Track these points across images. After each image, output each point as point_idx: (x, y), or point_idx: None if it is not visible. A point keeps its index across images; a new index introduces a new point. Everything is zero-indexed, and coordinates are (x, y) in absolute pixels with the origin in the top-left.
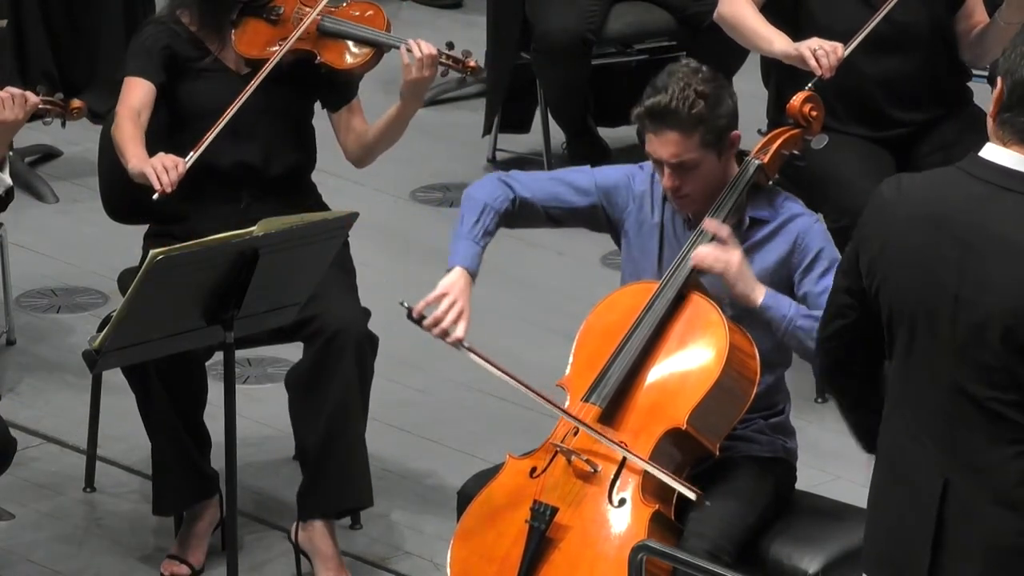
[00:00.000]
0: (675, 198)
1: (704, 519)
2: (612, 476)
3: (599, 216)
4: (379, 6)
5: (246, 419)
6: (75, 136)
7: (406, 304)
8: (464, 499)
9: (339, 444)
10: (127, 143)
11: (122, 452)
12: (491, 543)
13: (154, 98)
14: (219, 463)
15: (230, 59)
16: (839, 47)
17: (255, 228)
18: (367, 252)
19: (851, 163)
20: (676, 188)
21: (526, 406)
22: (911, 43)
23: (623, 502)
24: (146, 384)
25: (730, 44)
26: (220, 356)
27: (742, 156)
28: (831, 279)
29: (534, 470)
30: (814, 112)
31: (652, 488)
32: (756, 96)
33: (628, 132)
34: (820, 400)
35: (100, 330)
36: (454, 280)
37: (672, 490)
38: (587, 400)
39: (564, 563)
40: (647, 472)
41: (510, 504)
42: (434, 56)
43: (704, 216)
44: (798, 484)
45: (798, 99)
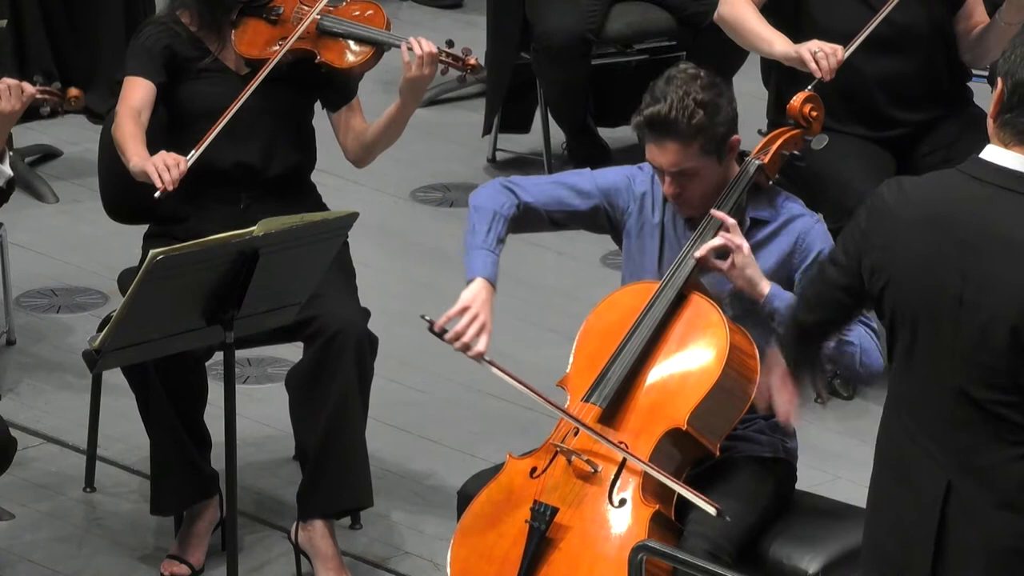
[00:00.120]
0: (676, 202)
1: (704, 519)
2: (612, 476)
3: (601, 218)
4: (379, 5)
5: (246, 419)
6: (75, 136)
7: (427, 318)
8: (464, 499)
9: (339, 444)
10: (128, 141)
11: (122, 452)
12: (491, 543)
13: (154, 98)
14: (219, 463)
15: (230, 59)
16: (839, 49)
17: (255, 228)
18: (367, 252)
19: (851, 163)
20: (677, 195)
21: (526, 406)
22: (911, 44)
23: (623, 502)
24: (146, 384)
25: (730, 44)
26: (220, 356)
27: (742, 156)
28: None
29: (534, 470)
30: (814, 112)
31: (652, 488)
32: (756, 96)
33: (628, 132)
34: (820, 400)
35: (100, 330)
36: (475, 292)
37: (672, 490)
38: (587, 400)
39: (564, 563)
40: (646, 474)
41: (510, 504)
42: (434, 54)
43: (706, 217)
44: (798, 484)
45: (798, 99)
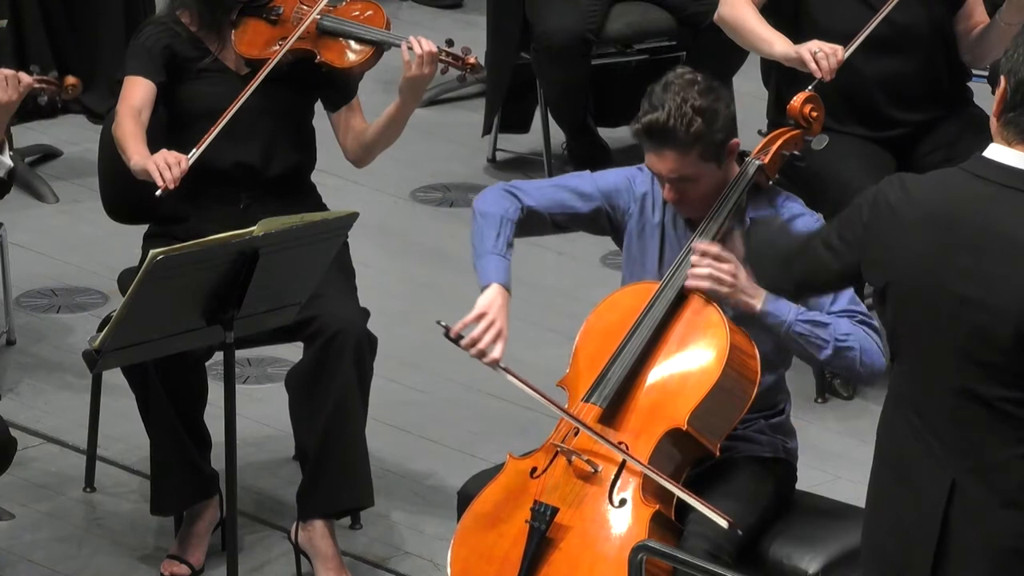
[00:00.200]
0: (676, 206)
1: (704, 519)
2: (613, 476)
3: (602, 219)
4: (379, 5)
5: (246, 419)
6: (75, 136)
7: (443, 323)
8: (464, 499)
9: (339, 444)
10: (128, 140)
11: (122, 452)
12: (491, 543)
13: (154, 97)
14: (219, 463)
15: (230, 59)
16: (839, 50)
17: (255, 228)
18: (367, 252)
19: (851, 163)
20: (677, 200)
21: (526, 406)
22: (911, 44)
23: (624, 502)
24: (146, 384)
25: (730, 44)
26: (220, 356)
27: (742, 157)
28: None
29: (534, 470)
30: (815, 113)
31: (653, 488)
32: (756, 96)
33: (628, 132)
34: (820, 400)
35: (100, 330)
36: (492, 298)
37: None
38: (588, 400)
39: (564, 563)
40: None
41: (510, 504)
42: (434, 53)
43: (706, 218)
44: (798, 484)
45: (799, 100)
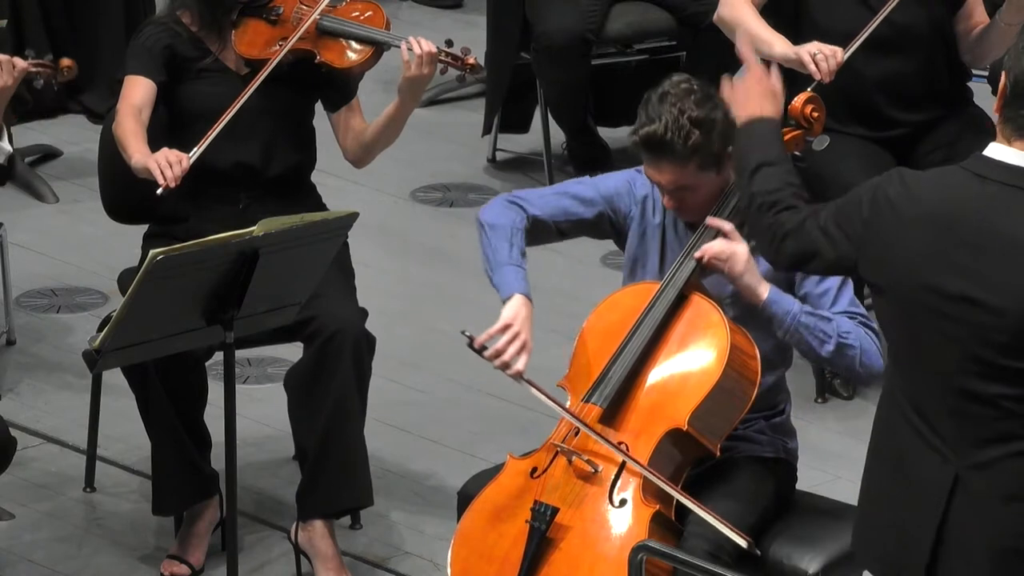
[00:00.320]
0: (676, 212)
1: (704, 520)
2: (613, 476)
3: (605, 224)
4: (378, 5)
5: (246, 419)
6: (75, 136)
7: (468, 333)
8: (464, 499)
9: (338, 444)
10: (129, 138)
11: (122, 452)
12: (491, 543)
13: (155, 96)
14: (219, 463)
15: (230, 59)
16: (838, 51)
17: (255, 228)
18: (367, 252)
19: (852, 164)
20: (676, 208)
21: (526, 406)
22: (911, 44)
23: (624, 502)
24: (146, 384)
25: (730, 44)
26: (220, 356)
27: None
28: (832, 281)
29: (535, 470)
30: (816, 113)
31: (653, 488)
32: None
33: (628, 132)
34: (820, 400)
35: (100, 330)
36: (516, 310)
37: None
38: (588, 400)
39: (564, 563)
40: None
41: (511, 504)
42: (433, 54)
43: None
44: (798, 484)
45: (800, 100)
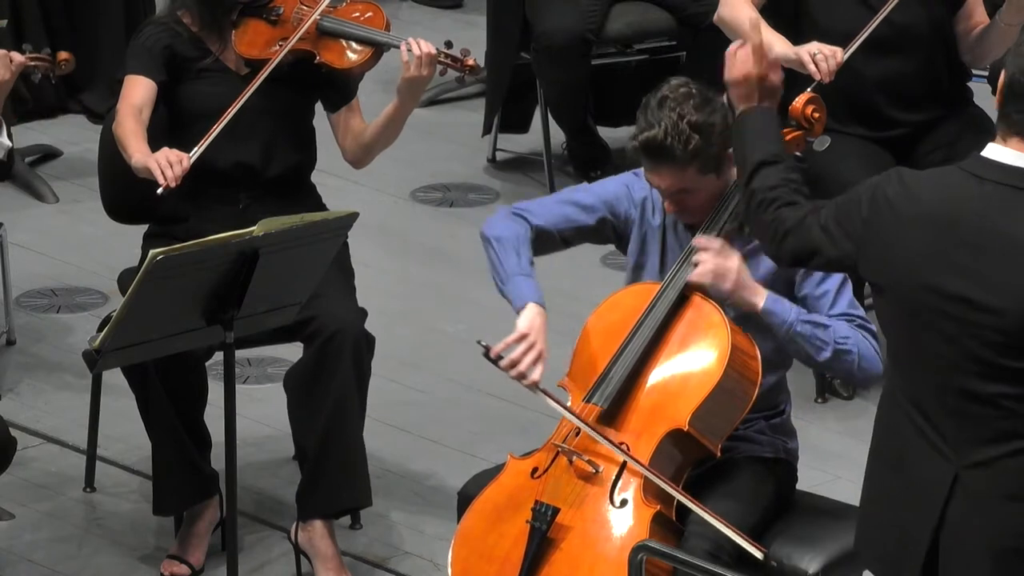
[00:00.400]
0: (677, 216)
1: (704, 520)
2: (614, 477)
3: (607, 230)
4: (378, 6)
5: (246, 419)
6: (75, 136)
7: (483, 343)
8: (464, 500)
9: (337, 444)
10: (129, 138)
11: (122, 452)
12: (492, 543)
13: (155, 96)
14: (219, 463)
15: (231, 59)
16: (838, 52)
17: (255, 228)
18: (367, 252)
19: (852, 164)
20: (677, 211)
21: (526, 406)
22: (911, 44)
23: (624, 503)
24: (146, 384)
25: (729, 44)
26: (220, 356)
27: None
28: (832, 283)
29: (535, 470)
30: (816, 114)
31: (654, 489)
32: None
33: (628, 132)
34: (820, 400)
35: (100, 330)
36: (531, 319)
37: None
38: (589, 400)
39: (565, 564)
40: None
41: (511, 504)
42: (433, 55)
43: (705, 221)
44: (798, 484)
45: (800, 101)
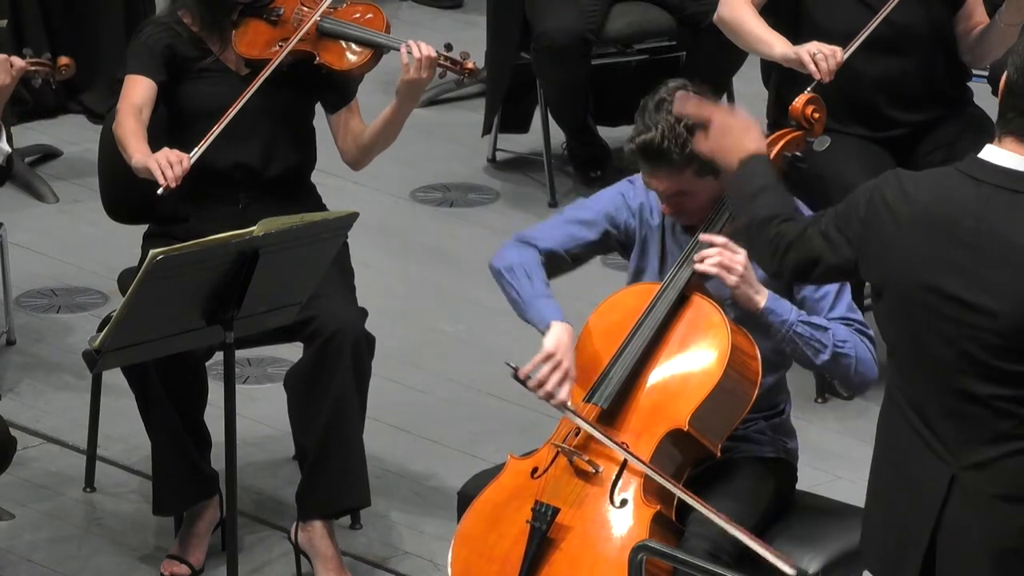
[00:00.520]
0: (675, 218)
1: (705, 520)
2: (614, 477)
3: (611, 242)
4: (379, 7)
5: (246, 419)
6: (75, 136)
7: (512, 364)
8: (464, 500)
9: (337, 444)
10: (129, 138)
11: (122, 452)
12: (492, 543)
13: (155, 96)
14: (219, 463)
15: (231, 59)
16: (838, 51)
17: (255, 228)
18: (367, 252)
19: (852, 164)
20: (675, 213)
21: (526, 406)
22: (911, 44)
23: (625, 503)
24: (146, 384)
25: (729, 44)
26: (220, 356)
27: None
28: (831, 285)
29: (535, 470)
30: (816, 114)
31: (654, 489)
32: (757, 96)
33: (628, 132)
34: (820, 400)
35: (100, 330)
36: (558, 338)
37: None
38: (589, 400)
39: (565, 564)
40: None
41: (511, 504)
42: (433, 58)
43: (705, 221)
44: (798, 484)
45: (801, 101)
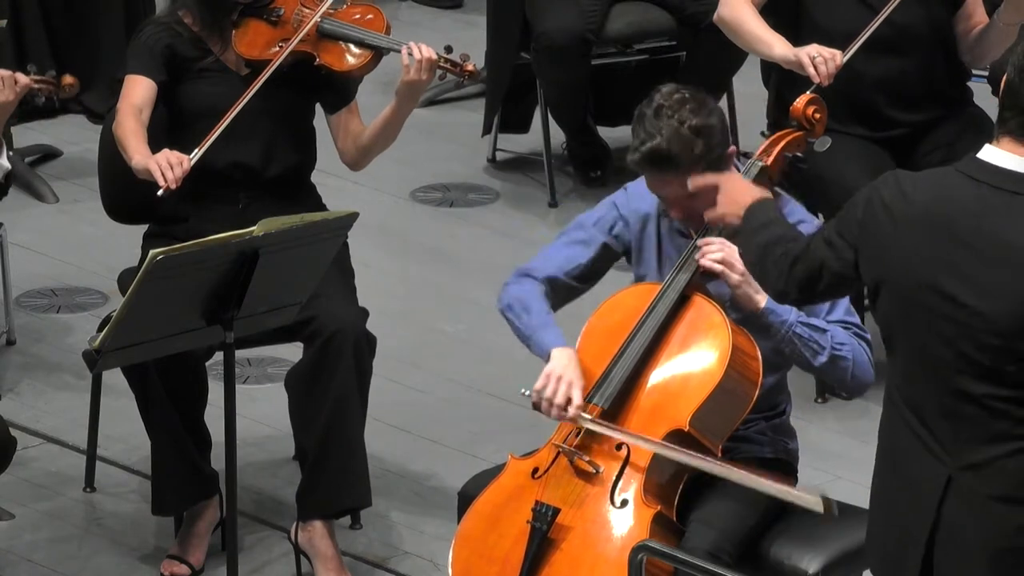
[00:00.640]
0: (683, 222)
1: (705, 520)
2: (614, 477)
3: (612, 252)
4: (379, 9)
5: (246, 419)
6: (75, 136)
7: (526, 393)
8: (465, 500)
9: (338, 444)
10: (129, 138)
11: (122, 452)
12: (492, 544)
13: (155, 96)
14: (219, 463)
15: (231, 59)
16: (838, 54)
17: (255, 228)
18: (367, 252)
19: (852, 165)
20: (684, 217)
21: (526, 406)
22: (911, 44)
23: (625, 503)
24: (146, 384)
25: (729, 44)
26: (220, 356)
27: (745, 158)
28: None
29: (536, 470)
30: (817, 115)
31: (654, 489)
32: (757, 97)
33: (628, 132)
34: (820, 400)
35: (100, 330)
36: (555, 359)
37: (674, 491)
38: (590, 401)
39: (565, 564)
40: (648, 473)
41: (511, 505)
42: (433, 60)
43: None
44: (798, 484)
45: (801, 101)
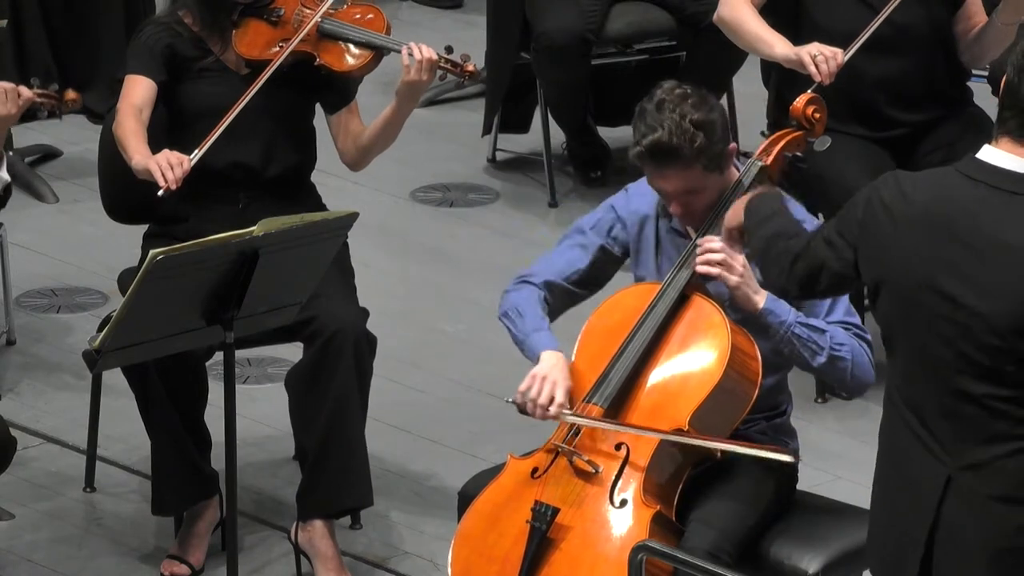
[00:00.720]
0: (682, 219)
1: (705, 520)
2: (614, 477)
3: (611, 256)
4: (379, 9)
5: (246, 419)
6: (75, 136)
7: (510, 400)
8: (464, 500)
9: (338, 444)
10: (129, 138)
11: (122, 452)
12: (492, 543)
13: (155, 96)
14: (219, 463)
15: (231, 59)
16: (839, 53)
17: (255, 228)
18: (367, 252)
19: (852, 165)
20: (684, 213)
21: None
22: (911, 44)
23: (624, 503)
24: (146, 384)
25: (729, 44)
26: (220, 356)
27: (746, 158)
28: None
29: (535, 470)
30: (817, 114)
31: (653, 489)
32: (757, 96)
33: (628, 132)
34: (820, 400)
35: (100, 330)
36: (543, 361)
37: (674, 490)
38: (589, 401)
39: (565, 564)
40: (648, 473)
41: (511, 504)
42: (433, 60)
43: (706, 221)
44: (798, 484)
45: (801, 101)
